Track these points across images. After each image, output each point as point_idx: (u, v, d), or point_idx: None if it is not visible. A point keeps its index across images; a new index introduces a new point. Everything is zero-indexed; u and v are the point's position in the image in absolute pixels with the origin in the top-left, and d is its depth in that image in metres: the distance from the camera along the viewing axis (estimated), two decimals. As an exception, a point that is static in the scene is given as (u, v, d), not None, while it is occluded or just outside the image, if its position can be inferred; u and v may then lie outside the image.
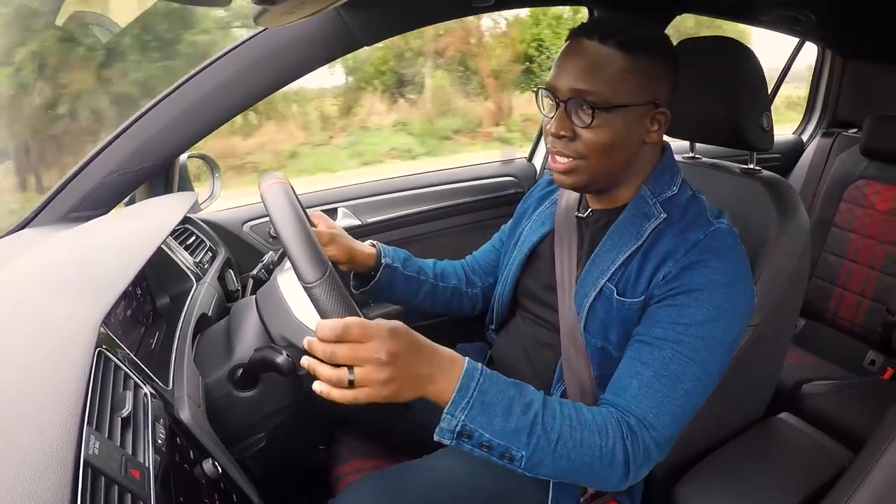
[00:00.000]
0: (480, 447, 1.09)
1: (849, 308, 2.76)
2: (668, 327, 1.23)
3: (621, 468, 1.15)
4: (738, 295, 1.25)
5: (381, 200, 2.70)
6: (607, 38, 1.22)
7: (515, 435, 1.09)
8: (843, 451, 1.69)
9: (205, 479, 1.05)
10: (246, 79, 1.83)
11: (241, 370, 1.42)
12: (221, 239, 2.25)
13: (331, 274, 1.13)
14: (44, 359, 0.88)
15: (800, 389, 2.34)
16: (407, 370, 1.04)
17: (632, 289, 1.32)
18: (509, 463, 1.11)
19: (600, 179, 1.34)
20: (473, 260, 1.90)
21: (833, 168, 2.97)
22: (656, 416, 1.19)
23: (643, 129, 1.30)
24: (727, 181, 1.69)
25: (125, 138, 1.79)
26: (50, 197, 1.76)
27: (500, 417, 1.08)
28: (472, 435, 1.08)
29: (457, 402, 1.06)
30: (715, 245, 1.26)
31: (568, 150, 1.29)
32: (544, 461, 1.11)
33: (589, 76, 1.23)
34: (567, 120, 1.27)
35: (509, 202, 2.93)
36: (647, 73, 1.25)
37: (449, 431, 1.08)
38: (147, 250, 1.31)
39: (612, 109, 1.23)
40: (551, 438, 1.10)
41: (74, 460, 0.71)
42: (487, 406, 1.08)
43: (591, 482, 1.21)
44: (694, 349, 1.21)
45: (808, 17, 2.80)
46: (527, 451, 1.09)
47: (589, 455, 1.13)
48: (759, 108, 1.56)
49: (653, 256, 1.30)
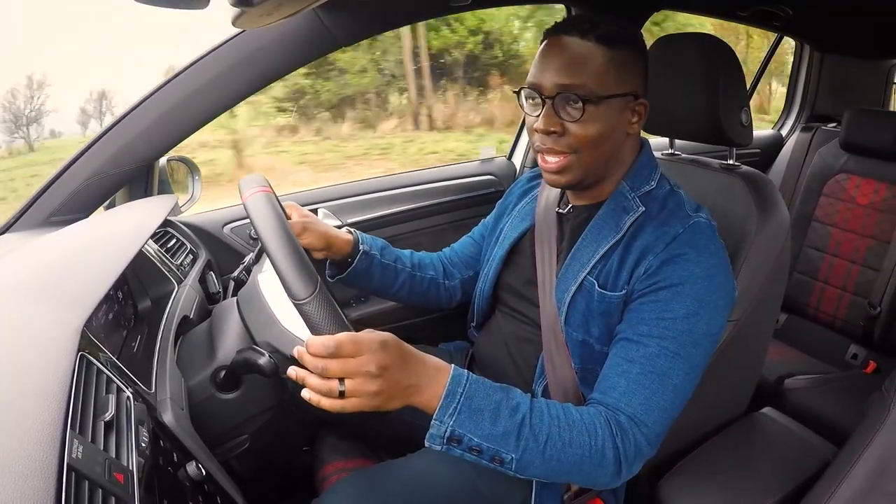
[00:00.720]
0: (470, 451, 1.11)
1: (830, 302, 2.78)
2: (652, 323, 1.24)
3: (612, 465, 1.17)
4: (719, 287, 1.26)
5: (361, 200, 2.70)
6: (587, 34, 1.24)
7: (504, 438, 1.10)
8: (827, 446, 1.69)
9: (189, 482, 1.05)
10: (225, 81, 1.83)
11: (224, 372, 1.43)
12: (202, 241, 2.25)
13: (321, 289, 1.13)
14: (25, 364, 0.88)
15: (782, 384, 2.35)
16: (395, 381, 1.06)
17: (613, 282, 1.33)
18: (500, 466, 1.12)
19: (591, 174, 1.36)
20: (452, 252, 1.91)
21: (813, 162, 2.98)
22: (646, 412, 1.20)
23: (626, 120, 1.32)
24: (707, 177, 1.70)
25: (105, 142, 1.78)
26: (30, 202, 1.75)
27: (488, 422, 1.10)
28: (461, 440, 1.09)
29: (445, 408, 1.08)
30: (694, 239, 1.27)
31: (559, 145, 1.30)
32: (534, 462, 1.12)
33: (574, 70, 1.24)
34: (555, 116, 1.28)
35: (489, 201, 2.93)
36: (625, 65, 1.27)
37: (439, 437, 1.10)
38: (128, 254, 1.30)
39: (599, 101, 1.25)
40: (540, 440, 1.12)
41: (58, 465, 0.70)
42: (475, 411, 1.10)
43: (584, 481, 1.22)
44: (679, 343, 1.22)
45: (785, 12, 2.81)
46: (516, 454, 1.11)
47: (578, 455, 1.14)
48: (738, 103, 1.57)
49: (633, 250, 1.31)
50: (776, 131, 3.82)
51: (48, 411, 0.77)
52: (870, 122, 2.71)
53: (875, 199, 2.70)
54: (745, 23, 3.07)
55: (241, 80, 1.85)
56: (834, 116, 3.54)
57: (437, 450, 1.12)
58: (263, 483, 1.71)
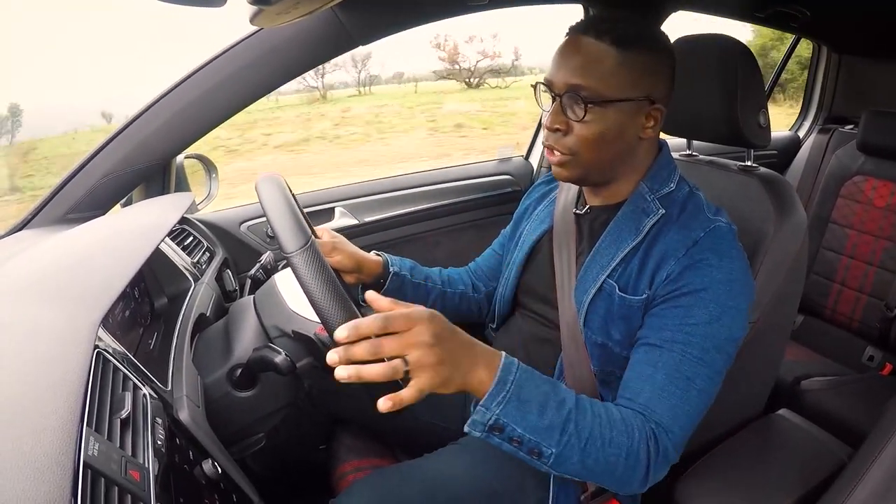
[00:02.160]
0: (510, 441, 1.09)
1: (847, 304, 2.76)
2: (676, 329, 1.23)
3: (643, 470, 1.16)
4: (740, 292, 1.25)
5: (378, 200, 2.70)
6: (603, 35, 1.23)
7: (548, 432, 1.09)
8: (843, 448, 1.68)
9: (204, 480, 1.05)
10: (242, 79, 1.83)
11: (240, 370, 1.43)
12: (219, 239, 2.25)
13: (312, 245, 1.11)
14: (42, 360, 0.88)
15: (799, 385, 2.33)
16: (452, 353, 1.03)
17: (633, 286, 1.32)
18: (536, 459, 1.10)
19: (595, 173, 1.35)
20: (476, 266, 1.91)
21: (830, 164, 2.97)
22: (672, 419, 1.19)
23: (638, 124, 1.31)
24: (725, 178, 1.68)
25: (122, 139, 1.79)
26: (47, 199, 1.76)
27: (534, 414, 1.08)
28: (504, 429, 1.07)
29: (493, 395, 1.06)
30: (715, 243, 1.26)
31: (559, 145, 1.31)
32: (572, 459, 1.11)
33: (583, 71, 1.24)
34: (562, 114, 1.28)
35: (507, 200, 2.94)
36: (640, 68, 1.25)
37: (481, 424, 1.07)
38: (144, 251, 1.30)
39: (604, 104, 1.24)
40: (582, 437, 1.10)
41: (74, 462, 0.70)
42: (523, 402, 1.08)
43: (613, 482, 1.18)
44: (703, 349, 1.21)
45: (803, 14, 2.79)
46: (557, 449, 1.09)
47: (615, 455, 1.13)
48: (757, 105, 1.56)
49: (654, 254, 1.30)
50: (793, 133, 3.79)
51: (65, 408, 0.77)
52: (887, 124, 2.69)
53: (892, 201, 2.68)
54: (762, 24, 3.06)
55: (257, 78, 1.85)
56: (851, 118, 3.50)
57: (476, 436, 1.09)
58: (279, 481, 1.71)
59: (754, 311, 1.47)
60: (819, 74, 3.73)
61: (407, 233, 2.75)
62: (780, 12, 2.81)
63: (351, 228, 2.57)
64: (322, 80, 25.55)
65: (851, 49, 3.49)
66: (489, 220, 2.96)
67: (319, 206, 2.56)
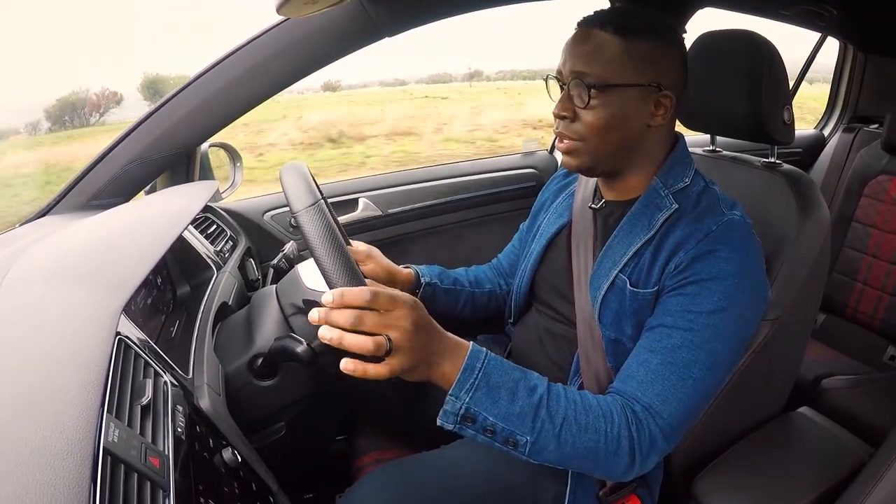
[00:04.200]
0: (484, 432, 1.09)
1: (869, 303, 2.75)
2: (678, 315, 1.23)
3: (626, 455, 1.15)
4: (751, 287, 1.24)
5: (402, 191, 2.70)
6: (606, 25, 1.26)
7: (520, 419, 1.09)
8: (863, 447, 1.67)
9: (224, 468, 1.05)
10: (267, 69, 1.82)
11: (261, 359, 1.43)
12: (242, 228, 2.26)
13: (319, 205, 1.11)
14: (64, 346, 0.88)
15: (819, 384, 2.32)
16: (425, 343, 1.04)
17: (645, 279, 1.32)
18: (513, 449, 1.11)
19: (603, 161, 1.36)
20: (498, 262, 1.93)
21: (854, 163, 2.95)
22: (663, 403, 1.18)
23: (646, 111, 1.31)
24: (748, 175, 1.67)
25: (147, 127, 1.79)
26: (71, 184, 1.77)
27: (504, 400, 1.09)
28: (475, 418, 1.08)
29: (461, 384, 1.06)
30: (727, 235, 1.25)
31: (568, 131, 1.33)
32: (548, 446, 1.11)
33: (587, 59, 1.27)
34: (569, 101, 1.31)
35: (530, 194, 2.92)
36: (644, 56, 1.27)
37: (453, 414, 1.08)
38: (168, 239, 1.31)
39: (608, 89, 1.26)
40: (556, 422, 1.10)
41: (94, 447, 0.70)
42: (492, 388, 1.08)
43: (596, 470, 1.19)
44: (704, 338, 1.20)
45: (829, 12, 2.78)
46: (531, 436, 1.09)
47: (594, 441, 1.12)
48: (781, 101, 1.54)
49: (665, 247, 1.30)
50: (818, 131, 3.77)
51: (85, 394, 0.77)
52: None
53: (915, 201, 2.65)
54: (788, 22, 3.03)
55: (283, 68, 1.84)
56: (876, 118, 3.48)
57: (448, 428, 1.10)
58: (298, 471, 1.71)
59: (776, 308, 1.46)
60: (845, 73, 3.70)
61: (430, 225, 2.75)
62: (806, 10, 2.80)
63: (374, 219, 2.57)
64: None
65: (878, 48, 3.46)
66: (512, 214, 2.95)
67: (343, 196, 2.56)
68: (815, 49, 3.62)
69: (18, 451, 0.66)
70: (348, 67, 2.95)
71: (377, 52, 1.95)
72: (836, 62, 3.74)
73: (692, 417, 1.22)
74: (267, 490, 1.22)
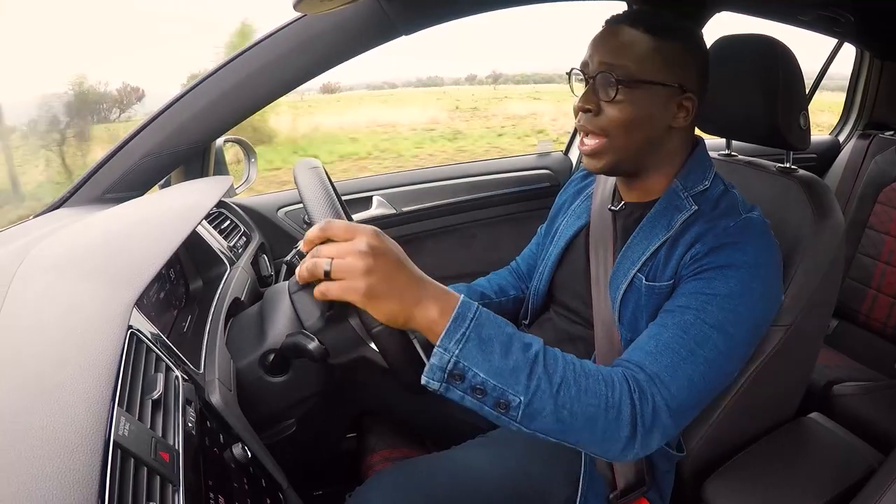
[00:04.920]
0: (473, 392, 1.00)
1: (882, 310, 2.73)
2: (692, 297, 1.21)
3: (627, 427, 1.07)
4: (766, 281, 1.23)
5: (416, 190, 2.71)
6: (637, 23, 1.27)
7: (514, 375, 1.00)
8: (873, 453, 1.67)
9: (234, 464, 1.05)
10: (283, 65, 1.83)
11: (273, 355, 1.43)
12: (256, 224, 2.26)
13: (319, 166, 1.11)
14: (76, 338, 0.88)
15: (831, 390, 2.31)
16: (388, 274, 0.98)
17: (660, 274, 1.32)
18: (504, 413, 1.02)
19: (625, 160, 1.35)
20: (517, 266, 1.92)
21: (869, 169, 2.93)
22: (671, 376, 1.13)
23: (669, 112, 1.31)
24: (763, 179, 1.67)
25: (162, 121, 1.79)
26: (86, 177, 1.77)
27: (497, 353, 1.00)
28: (464, 375, 0.99)
29: (451, 333, 0.98)
30: (746, 231, 1.25)
31: (591, 125, 1.32)
32: (544, 410, 1.02)
33: (617, 53, 1.27)
34: (594, 95, 1.30)
35: (544, 195, 2.94)
36: (673, 56, 1.28)
37: (440, 369, 0.98)
38: (181, 233, 1.30)
39: (635, 85, 1.26)
40: (553, 382, 1.02)
41: (104, 441, 0.70)
42: (484, 341, 1.00)
43: (593, 443, 1.08)
44: (717, 320, 1.17)
45: (847, 19, 2.78)
46: (525, 396, 1.00)
47: (594, 406, 1.05)
48: (798, 107, 1.54)
49: (682, 242, 1.30)
50: (833, 137, 3.76)
51: (97, 387, 0.77)
52: None
53: (930, 209, 2.63)
54: (806, 27, 3.03)
55: (299, 65, 1.85)
56: (892, 124, 3.47)
57: (434, 387, 1.01)
58: (308, 468, 1.71)
59: (789, 314, 1.46)
60: (861, 79, 3.69)
61: (443, 224, 2.75)
62: (823, 16, 2.80)
63: (388, 218, 2.58)
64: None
65: (895, 55, 3.44)
66: (526, 214, 2.96)
67: (357, 194, 2.57)
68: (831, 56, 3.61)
69: (29, 442, 0.66)
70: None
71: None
72: (852, 68, 3.73)
73: (700, 401, 1.19)
74: (276, 486, 1.22)
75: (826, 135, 3.82)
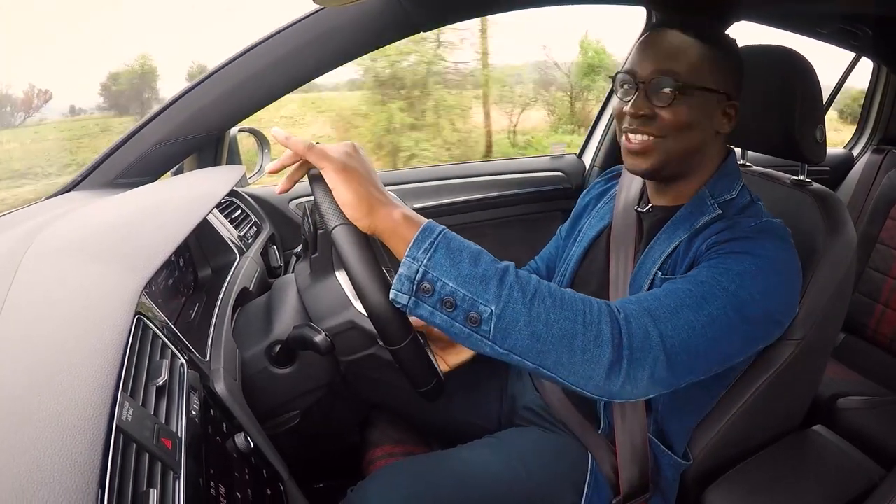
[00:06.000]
0: (442, 305, 0.98)
1: (890, 325, 2.73)
2: (705, 269, 1.18)
3: (609, 347, 1.01)
4: (784, 278, 1.22)
5: (428, 187, 2.71)
6: (687, 29, 1.28)
7: (483, 282, 0.98)
8: (876, 468, 1.67)
9: (236, 453, 1.04)
10: (300, 57, 1.82)
11: (279, 347, 1.43)
12: (267, 214, 2.27)
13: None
14: (82, 322, 0.88)
15: (835, 403, 2.31)
16: (365, 167, 1.08)
17: (678, 268, 1.32)
18: (476, 329, 0.99)
19: (673, 162, 1.34)
20: (536, 266, 1.92)
21: (882, 184, 2.95)
22: (671, 314, 1.09)
23: (717, 118, 1.33)
24: (777, 191, 1.67)
25: (177, 108, 1.79)
26: (98, 161, 1.77)
27: (466, 262, 0.99)
28: (433, 287, 0.98)
29: (419, 243, 0.99)
30: (766, 231, 1.25)
31: (646, 127, 1.31)
32: (517, 322, 0.98)
33: (672, 58, 1.28)
34: (646, 100, 1.29)
35: (557, 197, 2.94)
36: (721, 64, 1.29)
37: (408, 280, 0.98)
38: (192, 221, 1.30)
39: (691, 91, 1.27)
40: (527, 291, 1.00)
41: (107, 425, 0.70)
42: (453, 251, 1.00)
43: (572, 365, 1.02)
44: (727, 288, 1.14)
45: (864, 33, 2.77)
46: (497, 306, 0.97)
47: (570, 320, 1.00)
48: (815, 119, 1.54)
49: (700, 238, 1.30)
50: (847, 151, 3.75)
51: (102, 371, 0.77)
52: None
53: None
54: (824, 40, 3.02)
55: (316, 57, 1.84)
56: (908, 140, 3.44)
57: (402, 302, 1.00)
58: (310, 460, 1.71)
59: (800, 328, 1.45)
60: (877, 94, 3.67)
61: (455, 221, 2.75)
62: (841, 29, 2.79)
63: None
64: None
65: (913, 71, 3.42)
66: (537, 216, 2.96)
67: None
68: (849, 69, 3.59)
69: (33, 425, 0.65)
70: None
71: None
72: (869, 83, 3.72)
73: (696, 358, 1.12)
74: (277, 477, 1.21)
75: (840, 148, 3.80)
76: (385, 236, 1.03)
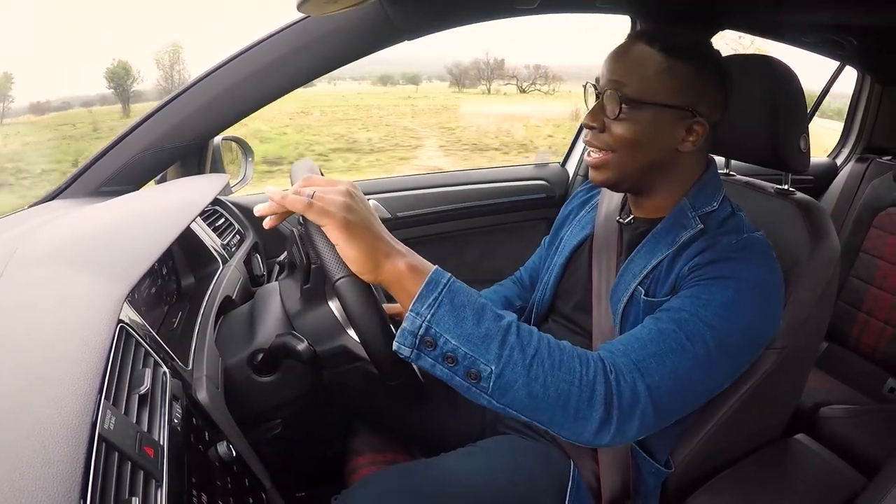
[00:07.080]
0: (444, 360, 0.99)
1: (872, 334, 2.74)
2: (689, 300, 1.18)
3: (601, 407, 1.03)
4: (766, 298, 1.21)
5: (413, 195, 2.71)
6: (654, 42, 1.25)
7: (485, 342, 0.99)
8: (857, 477, 1.68)
9: (218, 462, 1.05)
10: (285, 65, 1.83)
11: (262, 355, 1.43)
12: (250, 223, 2.27)
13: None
14: (65, 330, 0.88)
15: (818, 412, 2.32)
16: (365, 215, 1.04)
17: (659, 289, 1.31)
18: (475, 385, 1.00)
19: (630, 178, 1.35)
20: (521, 277, 1.92)
21: (865, 194, 2.96)
22: (657, 363, 1.09)
23: (676, 135, 1.30)
24: (760, 200, 1.67)
25: (161, 116, 1.79)
26: (81, 170, 1.77)
27: (470, 320, 0.99)
28: (436, 342, 0.98)
29: (423, 298, 0.98)
30: (747, 249, 1.24)
31: (597, 140, 1.32)
32: (516, 382, 0.99)
33: (626, 71, 1.27)
34: (600, 112, 1.30)
35: (540, 206, 2.95)
36: (685, 79, 1.26)
37: (411, 334, 0.98)
38: (175, 229, 1.30)
39: (640, 105, 1.25)
40: (527, 353, 1.00)
41: (89, 433, 0.70)
42: (457, 307, 0.99)
43: (565, 424, 1.05)
44: (713, 323, 1.13)
45: (849, 42, 2.80)
46: (497, 367, 0.98)
47: (567, 382, 1.02)
48: (799, 129, 1.54)
49: (683, 257, 1.29)
50: (831, 160, 3.78)
51: (84, 379, 0.77)
52: None
53: (925, 235, 2.65)
54: (809, 49, 3.05)
55: (300, 66, 1.85)
56: (890, 149, 3.48)
57: (405, 354, 1.00)
58: (292, 469, 1.71)
59: (783, 337, 1.45)
60: (861, 103, 3.71)
61: (438, 230, 2.76)
62: (827, 39, 2.82)
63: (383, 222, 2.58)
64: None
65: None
66: (521, 224, 2.97)
67: None
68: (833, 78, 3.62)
69: (14, 433, 0.65)
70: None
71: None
72: (853, 92, 3.75)
73: (684, 401, 1.15)
74: (260, 486, 1.21)
75: (824, 157, 3.83)
76: (389, 288, 1.03)
